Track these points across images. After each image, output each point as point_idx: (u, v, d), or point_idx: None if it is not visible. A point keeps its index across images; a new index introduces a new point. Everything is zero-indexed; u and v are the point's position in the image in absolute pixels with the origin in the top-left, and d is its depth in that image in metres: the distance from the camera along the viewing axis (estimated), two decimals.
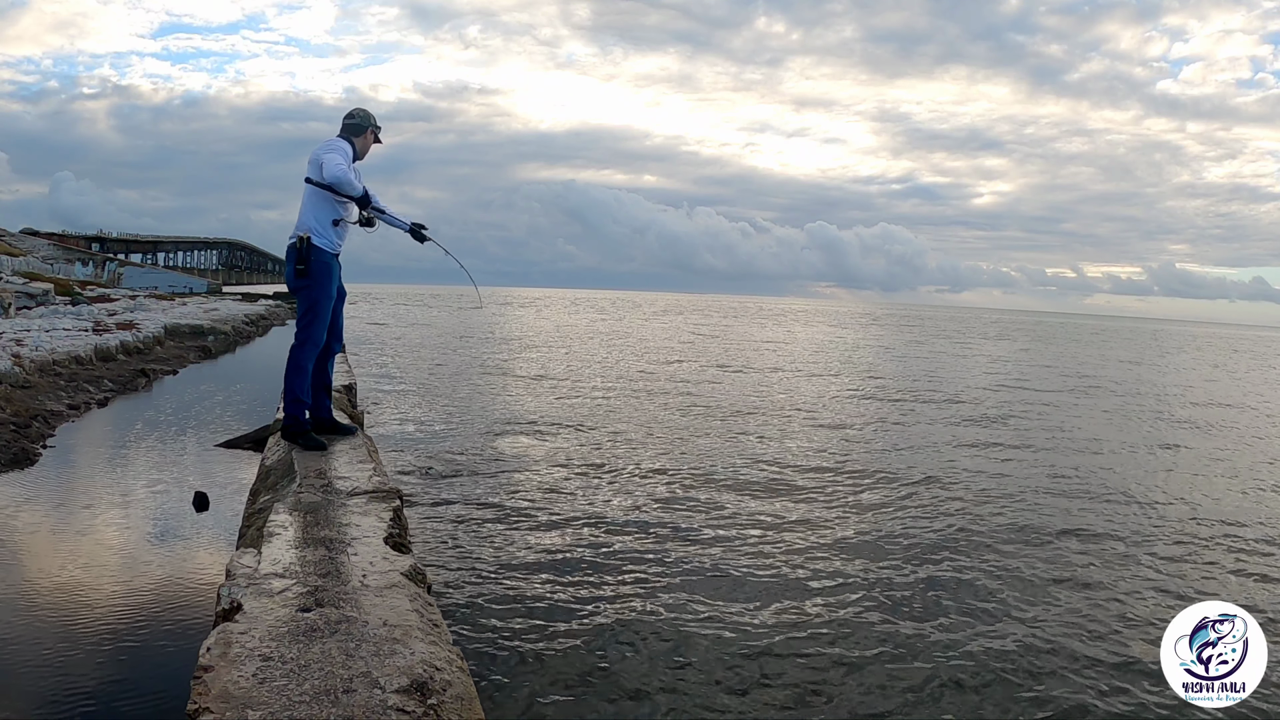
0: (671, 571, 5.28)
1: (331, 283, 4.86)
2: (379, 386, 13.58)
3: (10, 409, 7.72)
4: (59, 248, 48.42)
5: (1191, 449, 11.38)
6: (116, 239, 62.38)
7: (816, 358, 25.30)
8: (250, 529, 3.83)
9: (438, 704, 2.18)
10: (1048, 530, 6.68)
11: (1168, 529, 7.02)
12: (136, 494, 5.93)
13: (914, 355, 28.64)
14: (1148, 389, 20.15)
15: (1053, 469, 9.24)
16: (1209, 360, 36.92)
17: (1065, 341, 46.49)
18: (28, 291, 21.46)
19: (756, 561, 5.55)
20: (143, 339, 14.35)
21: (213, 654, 2.36)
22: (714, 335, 35.18)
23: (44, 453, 6.91)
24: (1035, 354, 32.35)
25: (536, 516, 6.37)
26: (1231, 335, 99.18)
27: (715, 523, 6.44)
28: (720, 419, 11.74)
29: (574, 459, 8.61)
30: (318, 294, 4.83)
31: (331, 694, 2.17)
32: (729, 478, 7.99)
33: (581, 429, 10.47)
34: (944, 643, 4.43)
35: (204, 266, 68.65)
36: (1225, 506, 7.94)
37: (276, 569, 3.07)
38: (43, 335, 12.36)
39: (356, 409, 7.63)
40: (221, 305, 27.61)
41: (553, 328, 37.49)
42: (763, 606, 4.78)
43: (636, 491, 7.31)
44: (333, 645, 2.45)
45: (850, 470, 8.64)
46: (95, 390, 10.06)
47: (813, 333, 42.88)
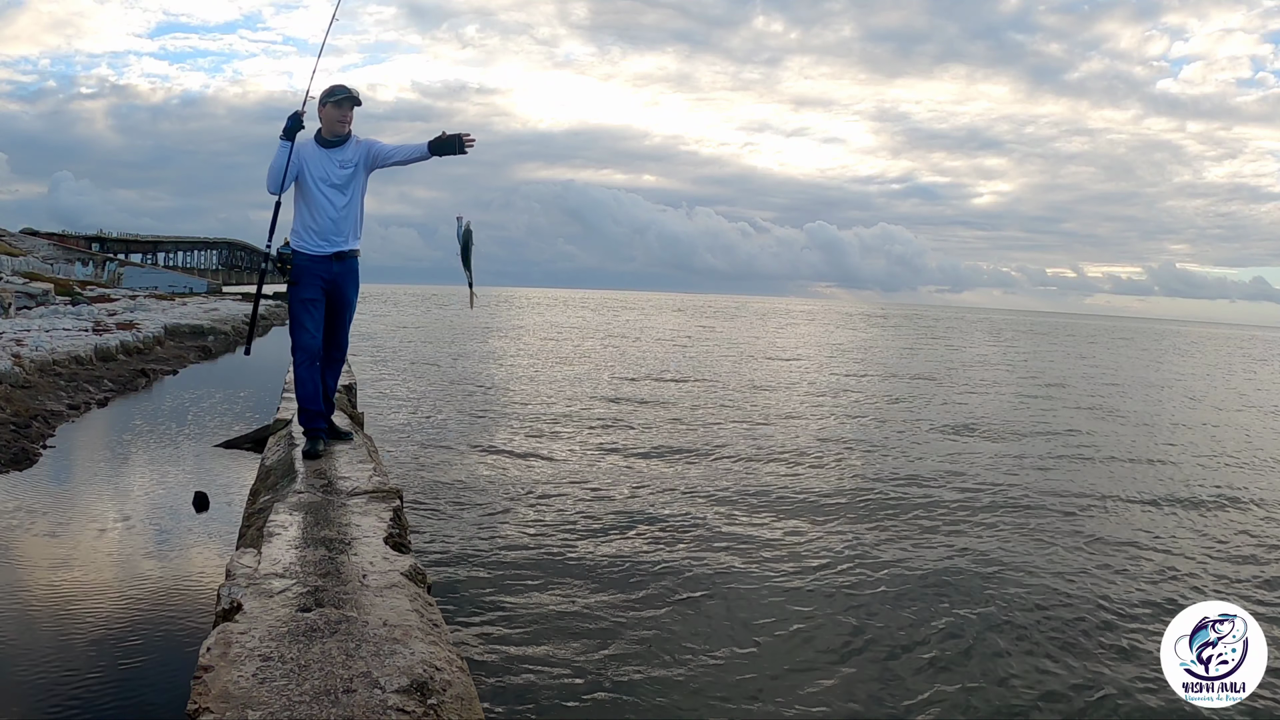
0: (674, 572, 5.28)
1: (309, 286, 4.35)
2: (379, 387, 13.58)
3: (10, 409, 7.72)
4: (59, 248, 48.40)
5: (1192, 449, 11.39)
6: (116, 239, 62.35)
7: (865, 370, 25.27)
8: (250, 529, 3.83)
9: (438, 704, 2.18)
10: (1048, 530, 6.68)
11: (1168, 528, 7.02)
12: (136, 494, 5.94)
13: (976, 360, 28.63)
14: (1177, 394, 20.15)
15: (1053, 468, 9.24)
16: (1217, 361, 36.90)
17: (1078, 342, 46.48)
18: (28, 291, 21.46)
19: (764, 567, 5.55)
20: (143, 339, 14.34)
21: (213, 654, 2.36)
22: (731, 345, 35.14)
23: (44, 453, 6.90)
24: (1063, 353, 32.35)
25: (537, 516, 6.37)
26: (1235, 336, 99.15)
27: (720, 524, 6.44)
28: (726, 420, 11.74)
29: (575, 459, 8.61)
30: (292, 297, 4.41)
31: (331, 694, 2.17)
32: (735, 480, 7.99)
33: (583, 429, 10.46)
34: (941, 641, 4.43)
35: (204, 266, 68.61)
36: (1226, 505, 7.94)
37: (276, 569, 3.07)
38: (43, 335, 12.36)
39: (357, 409, 7.63)
40: (221, 305, 27.60)
41: (553, 327, 37.50)
42: (769, 613, 4.78)
43: (639, 492, 7.30)
44: (333, 645, 2.45)
45: (840, 457, 8.64)
46: (95, 390, 10.06)
47: (835, 335, 42.85)
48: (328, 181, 4.32)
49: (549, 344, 26.69)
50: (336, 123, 4.29)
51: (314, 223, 4.34)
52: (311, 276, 4.35)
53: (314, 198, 4.32)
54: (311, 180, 4.31)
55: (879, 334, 44.96)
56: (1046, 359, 29.69)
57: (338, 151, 4.33)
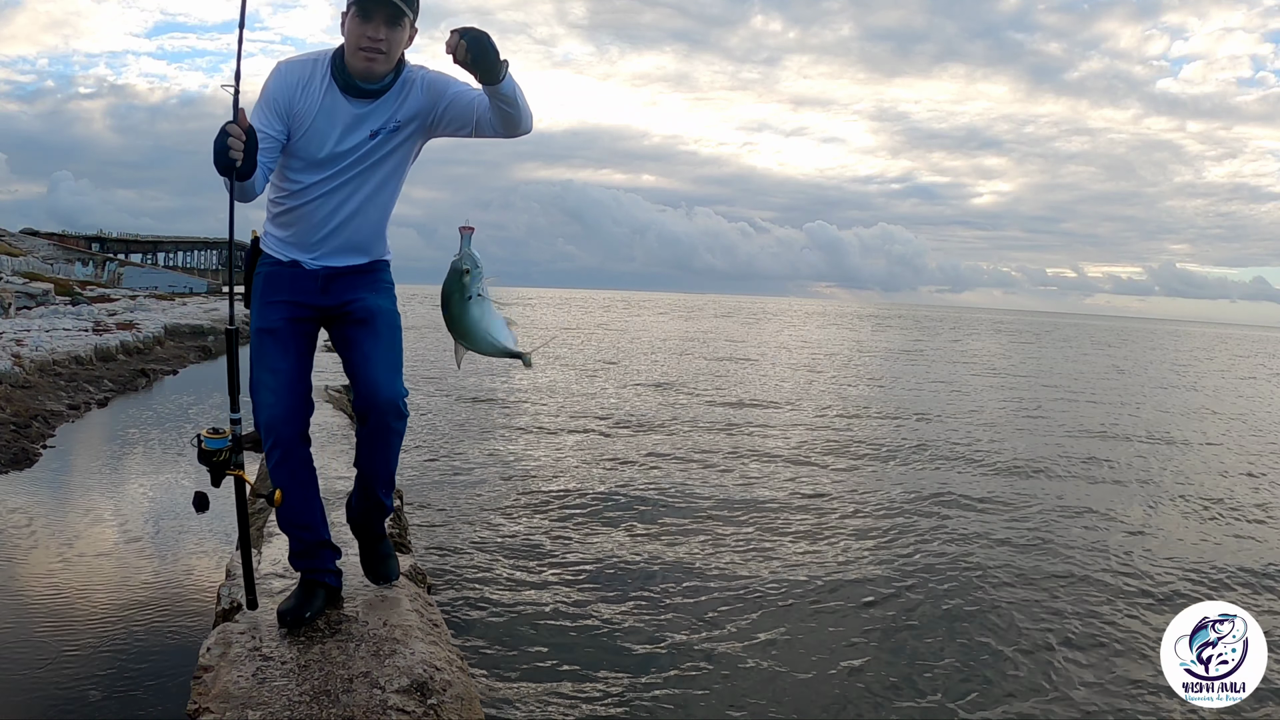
0: (678, 573, 5.28)
1: (268, 308, 2.65)
2: None
3: (10, 409, 7.72)
4: (59, 248, 48.41)
5: (1194, 447, 11.39)
6: (116, 239, 62.37)
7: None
8: (250, 529, 3.83)
9: (438, 704, 2.18)
10: (1047, 529, 6.68)
11: (1168, 528, 7.02)
12: (136, 494, 5.94)
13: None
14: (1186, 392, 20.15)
15: (1053, 467, 9.24)
16: (1231, 361, 36.92)
17: (1090, 343, 46.49)
18: (28, 291, 21.45)
19: (772, 570, 5.55)
20: (143, 339, 14.34)
21: (213, 654, 2.36)
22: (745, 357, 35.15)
23: (44, 453, 6.91)
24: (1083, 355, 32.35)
25: (539, 516, 6.37)
26: (1241, 336, 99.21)
27: (725, 526, 6.44)
28: (732, 421, 11.75)
29: (577, 458, 8.61)
30: (252, 324, 2.72)
31: (331, 694, 2.17)
32: (740, 485, 7.99)
33: (584, 428, 10.46)
34: (939, 640, 4.43)
35: (204, 266, 68.59)
36: (1227, 505, 7.94)
37: (277, 569, 3.07)
38: (43, 335, 12.36)
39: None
40: (222, 305, 27.57)
41: (555, 327, 37.49)
42: (774, 614, 4.78)
43: (642, 492, 7.30)
44: (332, 645, 2.45)
45: (836, 456, 8.64)
46: (95, 390, 10.06)
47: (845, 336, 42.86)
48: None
49: (552, 343, 26.68)
50: (357, 45, 2.41)
51: (292, 215, 2.71)
52: (273, 293, 2.71)
53: (287, 175, 2.60)
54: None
55: (916, 336, 44.96)
56: (1051, 360, 29.69)
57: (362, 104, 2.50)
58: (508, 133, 2.51)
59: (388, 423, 2.62)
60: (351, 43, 2.43)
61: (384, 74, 2.48)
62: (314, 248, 2.63)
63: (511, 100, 2.41)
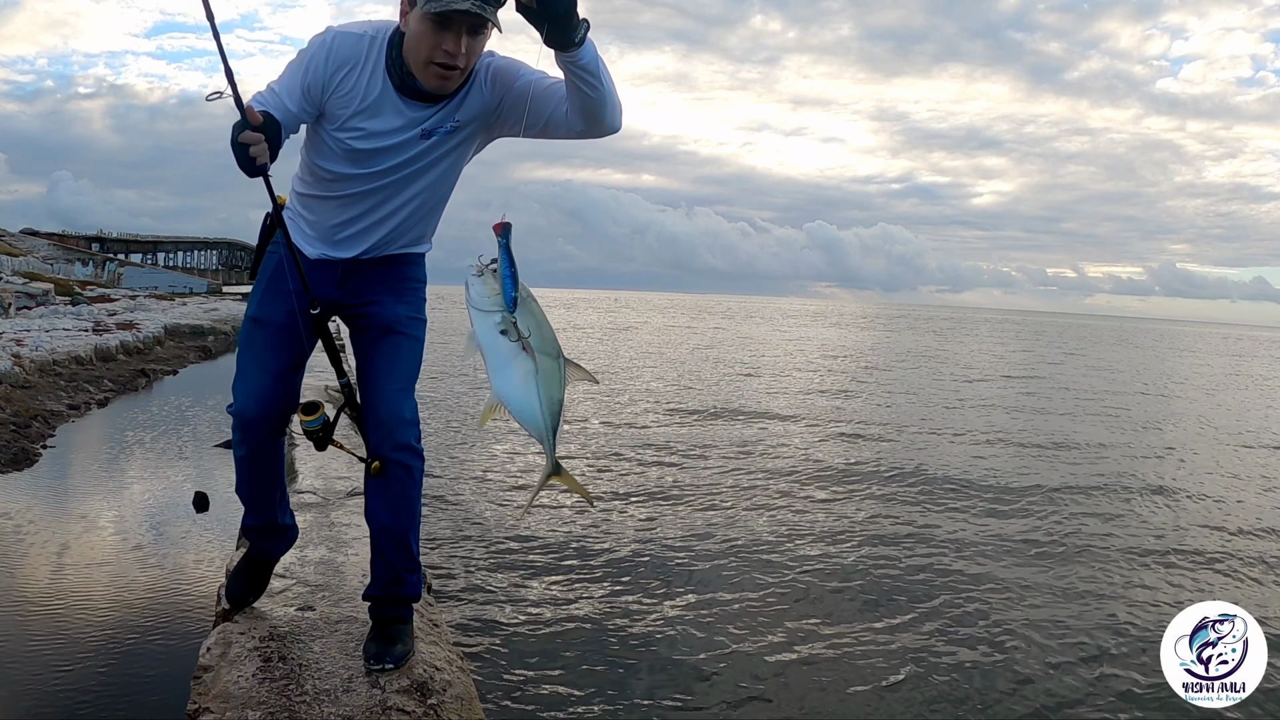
0: (680, 573, 5.28)
1: (272, 297, 2.42)
2: None
3: (10, 409, 7.72)
4: (59, 248, 48.43)
5: (1194, 447, 11.39)
6: (116, 239, 62.41)
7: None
8: None
9: (438, 704, 2.18)
10: (1046, 528, 6.69)
11: (1169, 527, 7.02)
12: (136, 494, 5.94)
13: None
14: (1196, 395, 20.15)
15: (1051, 468, 9.24)
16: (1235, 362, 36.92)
17: (1098, 345, 46.48)
18: (28, 291, 21.45)
19: (777, 573, 5.55)
20: (143, 339, 14.34)
21: (213, 654, 2.36)
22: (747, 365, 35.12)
23: (44, 453, 6.91)
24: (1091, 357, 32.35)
25: (539, 516, 6.37)
26: (1242, 336, 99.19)
27: (727, 527, 6.44)
28: (734, 419, 11.74)
29: (577, 457, 8.60)
30: (248, 309, 2.52)
31: (331, 694, 2.17)
32: (745, 485, 7.99)
33: (585, 428, 10.46)
34: (937, 640, 4.43)
35: (204, 266, 68.60)
36: (1227, 505, 7.94)
37: (277, 568, 3.07)
38: (43, 335, 12.36)
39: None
40: (222, 305, 27.58)
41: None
42: (778, 616, 4.78)
43: (644, 492, 7.30)
44: (333, 645, 2.45)
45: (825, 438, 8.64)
46: (95, 390, 10.05)
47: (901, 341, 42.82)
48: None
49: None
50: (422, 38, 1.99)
51: (317, 200, 2.51)
52: (281, 285, 2.53)
53: (321, 153, 2.28)
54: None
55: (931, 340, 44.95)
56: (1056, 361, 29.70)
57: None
58: (588, 126, 2.03)
59: (395, 457, 2.35)
60: (421, 53, 2.00)
61: (458, 88, 2.12)
62: (340, 244, 2.35)
63: (594, 73, 1.91)
